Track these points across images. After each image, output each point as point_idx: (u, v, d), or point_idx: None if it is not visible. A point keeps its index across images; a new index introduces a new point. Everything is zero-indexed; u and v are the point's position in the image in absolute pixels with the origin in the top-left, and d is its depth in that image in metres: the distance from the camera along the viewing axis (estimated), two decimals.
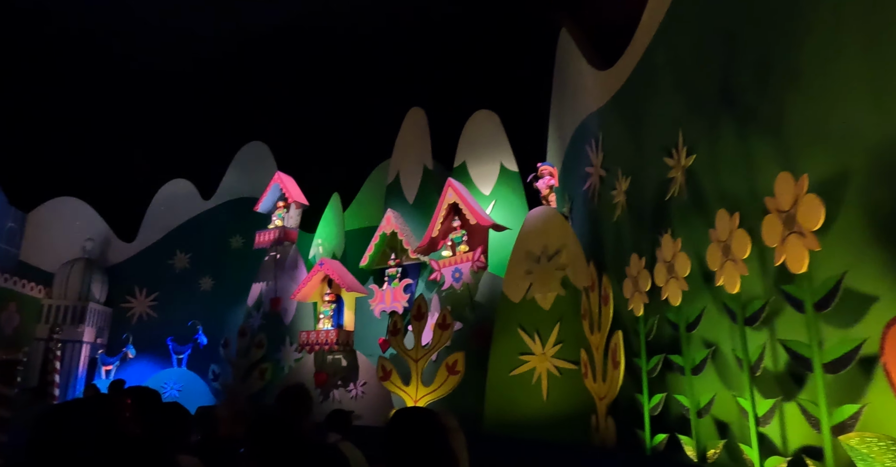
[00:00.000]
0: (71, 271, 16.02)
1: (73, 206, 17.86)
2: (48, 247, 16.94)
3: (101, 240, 17.49)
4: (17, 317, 14.75)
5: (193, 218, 17.95)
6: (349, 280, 13.28)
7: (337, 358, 12.55)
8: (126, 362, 15.53)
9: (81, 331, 15.39)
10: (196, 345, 15.29)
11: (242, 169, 18.24)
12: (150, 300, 16.98)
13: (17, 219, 17.00)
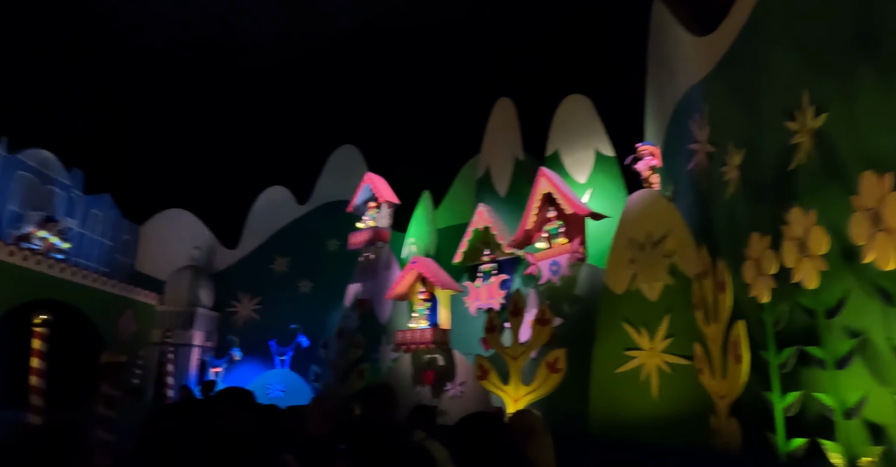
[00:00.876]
0: (180, 278, 16.77)
1: (181, 218, 18.74)
2: (159, 256, 17.86)
3: (207, 248, 18.23)
4: (133, 322, 15.58)
5: (291, 223, 18.38)
6: (443, 277, 12.99)
7: (434, 358, 12.27)
8: (233, 364, 16.06)
9: (191, 334, 16.05)
10: (297, 346, 15.55)
11: (335, 173, 18.48)
12: (253, 304, 17.50)
13: (131, 232, 18.04)
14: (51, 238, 14.09)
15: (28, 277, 12.55)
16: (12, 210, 13.88)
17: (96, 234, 16.49)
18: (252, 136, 19.98)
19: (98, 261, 16.41)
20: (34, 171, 14.59)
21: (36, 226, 13.79)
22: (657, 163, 10.23)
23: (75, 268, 14.01)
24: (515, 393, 9.93)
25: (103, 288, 14.68)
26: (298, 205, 18.62)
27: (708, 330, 7.50)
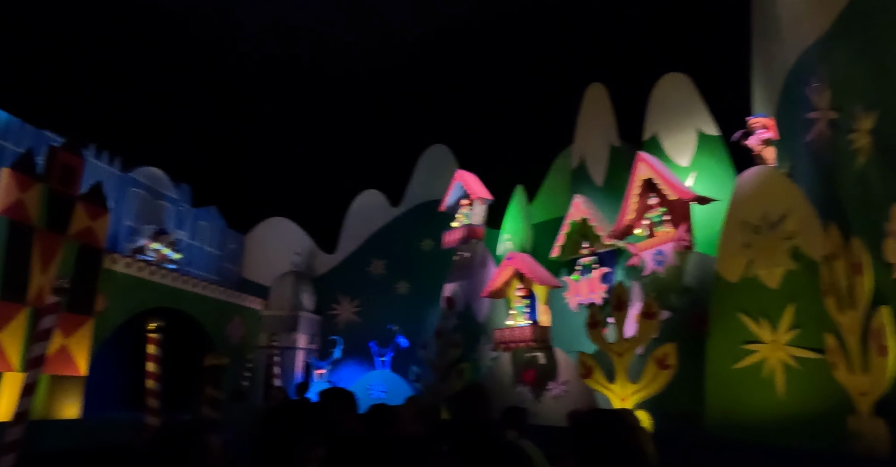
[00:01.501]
0: (283, 284, 17.28)
1: (282, 226, 19.35)
2: (264, 263, 18.51)
3: (307, 254, 18.71)
4: (241, 327, 16.19)
5: (385, 225, 18.52)
6: (540, 273, 12.53)
7: (535, 356, 11.83)
8: (336, 365, 16.34)
9: (295, 337, 16.48)
10: (396, 347, 15.58)
11: (426, 173, 18.45)
12: (353, 306, 17.76)
13: (237, 241, 18.83)
14: (163, 249, 14.88)
15: (144, 287, 13.29)
16: (128, 225, 14.79)
17: (204, 245, 17.32)
18: (345, 143, 20.35)
19: (207, 270, 17.22)
20: (146, 188, 15.50)
21: (149, 238, 14.60)
22: (772, 136, 9.28)
23: (186, 278, 14.71)
24: (622, 391, 9.32)
25: (212, 295, 15.34)
26: (392, 207, 18.75)
27: (842, 318, 6.63)
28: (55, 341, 10.46)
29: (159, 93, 16.64)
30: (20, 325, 9.79)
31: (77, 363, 10.93)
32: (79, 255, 11.21)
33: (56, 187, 10.87)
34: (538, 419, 10.52)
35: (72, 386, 10.77)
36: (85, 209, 11.47)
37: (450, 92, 20.46)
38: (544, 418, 10.62)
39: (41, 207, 10.52)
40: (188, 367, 14.05)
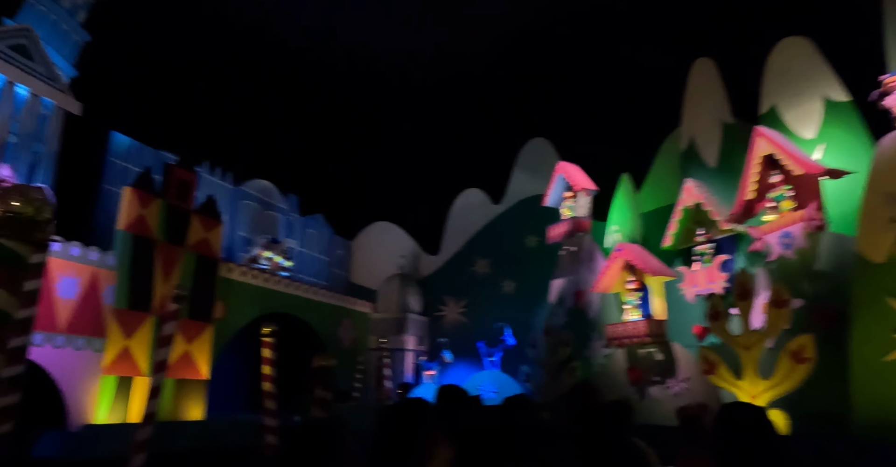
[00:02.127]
0: (390, 287, 17.45)
1: (387, 230, 19.61)
2: (370, 267, 18.84)
3: (412, 256, 18.83)
4: (352, 330, 16.51)
5: (488, 224, 18.26)
6: (653, 263, 11.76)
7: (650, 352, 11.08)
8: (445, 366, 16.26)
9: (404, 339, 16.57)
10: (505, 346, 15.25)
11: (527, 168, 18.01)
12: (460, 307, 17.63)
13: (344, 247, 19.29)
14: (276, 258, 15.45)
15: (259, 294, 13.83)
16: (242, 235, 15.50)
17: (314, 252, 17.86)
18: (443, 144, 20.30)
19: (317, 276, 17.73)
20: (257, 200, 16.19)
21: (262, 247, 15.21)
22: None
23: (298, 284, 15.19)
24: (752, 388, 8.46)
25: (323, 300, 15.74)
26: (494, 204, 18.47)
27: None
28: (179, 347, 11.06)
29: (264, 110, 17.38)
30: (147, 332, 10.41)
31: (199, 367, 11.50)
32: (197, 265, 11.81)
33: (173, 202, 11.51)
34: (651, 418, 9.81)
35: (195, 390, 11.34)
36: (200, 221, 12.07)
37: (545, 83, 19.91)
38: (660, 417, 9.87)
39: (160, 221, 11.17)
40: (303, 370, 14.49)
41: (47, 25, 11.30)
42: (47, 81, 10.85)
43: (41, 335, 8.86)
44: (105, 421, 9.48)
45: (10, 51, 10.26)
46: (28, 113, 10.52)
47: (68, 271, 9.39)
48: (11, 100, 10.26)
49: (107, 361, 9.74)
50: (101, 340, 9.76)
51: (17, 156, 10.25)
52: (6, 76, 10.13)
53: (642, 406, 10.48)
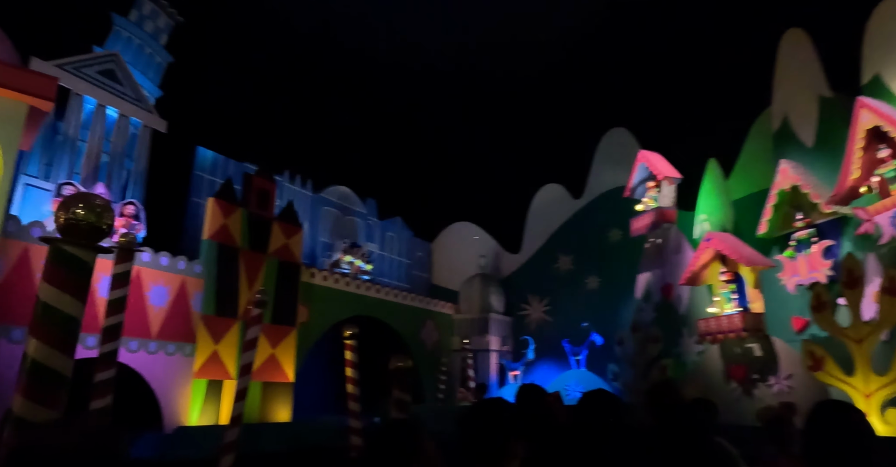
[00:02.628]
0: (471, 287, 17.29)
1: (466, 230, 19.47)
2: (451, 268, 18.76)
3: (493, 256, 18.59)
4: (434, 332, 16.46)
5: (569, 219, 17.75)
6: (747, 252, 10.98)
7: (748, 347, 10.31)
8: (529, 367, 15.90)
9: (487, 340, 16.34)
10: (591, 344, 14.71)
11: (606, 159, 17.36)
12: (543, 305, 17.21)
13: (424, 249, 19.32)
14: (356, 262, 15.66)
15: (342, 298, 14.02)
16: (323, 241, 15.81)
17: (394, 254, 17.99)
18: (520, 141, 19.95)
19: (398, 279, 17.84)
20: (336, 206, 16.49)
21: (343, 252, 15.45)
22: None
23: (379, 287, 15.30)
24: (866, 386, 7.65)
25: (404, 302, 15.79)
26: (574, 199, 17.93)
27: None
28: (264, 351, 11.36)
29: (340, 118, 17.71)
30: (234, 337, 10.74)
31: (285, 370, 11.76)
32: (279, 271, 12.10)
33: (254, 210, 11.86)
34: (751, 419, 9.07)
35: (282, 392, 11.60)
36: (281, 228, 12.37)
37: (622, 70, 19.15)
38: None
39: (243, 229, 11.53)
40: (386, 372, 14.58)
41: (133, 50, 11.95)
42: (135, 102, 11.45)
43: (135, 341, 9.30)
44: (197, 423, 9.84)
45: (100, 76, 10.90)
46: (118, 133, 11.14)
47: (158, 280, 9.83)
48: (103, 121, 10.89)
49: (197, 365, 10.11)
50: (191, 345, 10.15)
51: (111, 174, 10.86)
52: (97, 99, 10.77)
53: (741, 405, 9.76)
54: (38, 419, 2.97)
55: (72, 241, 3.41)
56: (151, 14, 12.45)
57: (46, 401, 3.04)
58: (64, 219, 3.46)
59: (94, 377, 6.61)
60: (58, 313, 3.20)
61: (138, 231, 10.45)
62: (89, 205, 3.53)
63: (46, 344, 3.12)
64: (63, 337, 3.22)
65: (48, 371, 3.02)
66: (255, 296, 9.55)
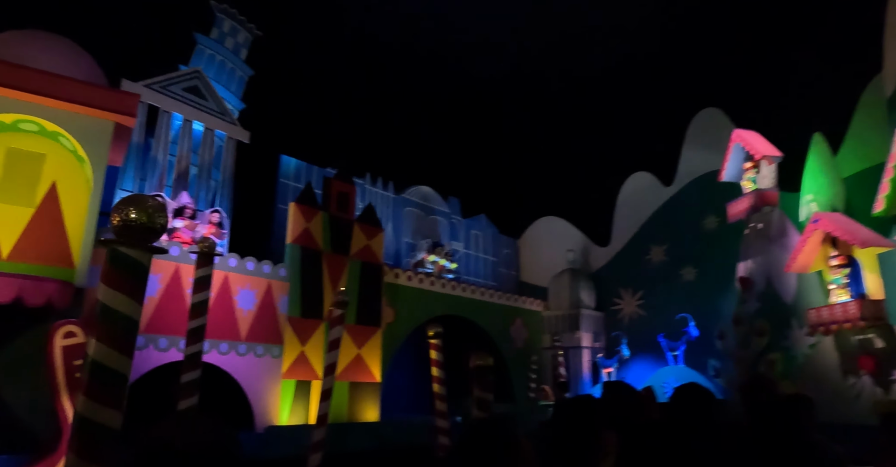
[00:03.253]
0: (560, 283, 16.81)
1: (552, 224, 18.99)
2: (539, 264, 18.34)
3: (581, 250, 18.00)
4: (524, 330, 16.12)
5: (660, 208, 16.89)
6: (861, 233, 9.95)
7: (867, 338, 9.31)
8: (624, 363, 15.21)
9: (579, 336, 15.81)
10: (688, 339, 13.86)
11: (698, 142, 16.37)
12: (636, 299, 16.45)
13: (510, 246, 19.00)
14: (440, 261, 15.61)
15: (427, 297, 13.99)
16: (406, 241, 15.88)
17: (479, 252, 17.81)
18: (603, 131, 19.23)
19: (485, 277, 17.64)
20: (418, 206, 16.52)
21: (426, 252, 15.45)
22: None
23: (465, 285, 15.17)
24: None
25: (491, 300, 15.56)
26: (664, 187, 17.03)
27: None
28: (350, 351, 11.49)
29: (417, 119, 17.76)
30: (319, 338, 10.92)
31: (371, 370, 11.84)
32: (361, 272, 12.22)
33: (335, 213, 12.05)
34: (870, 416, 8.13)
35: (369, 392, 11.68)
36: (362, 230, 12.50)
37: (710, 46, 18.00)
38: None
39: (324, 232, 11.73)
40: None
41: (215, 66, 12.49)
42: (218, 116, 11.94)
43: (225, 343, 9.65)
44: (287, 423, 10.07)
45: (185, 92, 11.44)
46: (205, 145, 11.65)
47: (245, 284, 10.16)
48: (190, 135, 11.42)
49: (285, 366, 10.36)
50: (279, 347, 10.41)
51: (199, 185, 11.37)
52: (183, 115, 11.30)
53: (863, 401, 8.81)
54: (99, 418, 2.99)
55: (126, 242, 3.42)
56: (231, 31, 12.96)
57: (107, 400, 3.06)
58: (118, 221, 3.49)
59: (181, 378, 6.86)
60: (115, 314, 3.21)
61: (223, 238, 10.86)
62: (141, 207, 3.54)
63: (105, 344, 3.14)
64: (121, 337, 3.23)
65: (108, 370, 3.04)
66: (337, 296, 9.66)
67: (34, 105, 7.43)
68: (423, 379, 11.92)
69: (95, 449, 2.89)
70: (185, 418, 1.55)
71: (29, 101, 7.39)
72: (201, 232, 10.53)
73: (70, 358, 6.13)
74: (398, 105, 17.27)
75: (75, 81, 7.57)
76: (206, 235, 10.55)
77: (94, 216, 7.55)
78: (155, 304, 8.94)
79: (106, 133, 7.82)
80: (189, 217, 10.53)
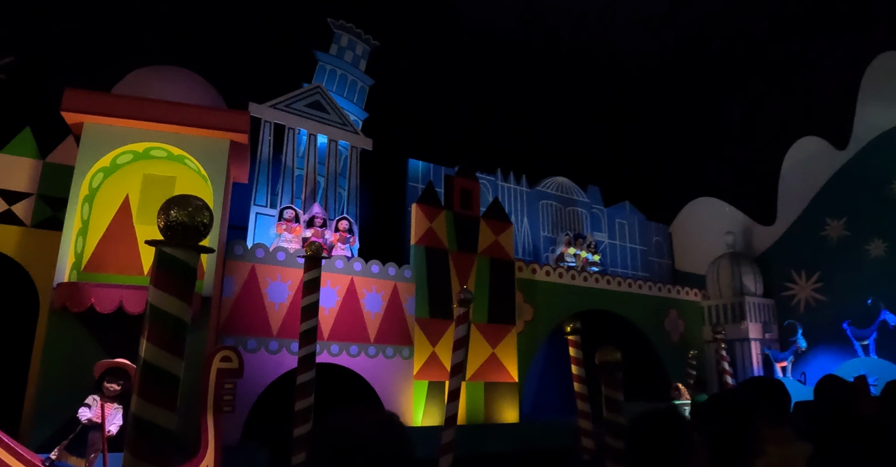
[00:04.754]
0: (719, 269, 15.20)
1: (707, 205, 17.29)
2: (695, 250, 16.77)
3: (742, 230, 16.17)
4: (680, 322, 14.77)
5: (834, 175, 14.64)
6: None
7: None
8: (801, 356, 13.27)
9: (745, 327, 14.11)
10: (882, 325, 11.76)
11: (877, 94, 14.01)
12: (812, 282, 14.35)
13: (661, 233, 17.59)
14: (582, 253, 14.85)
15: (569, 292, 13.35)
16: (545, 236, 15.31)
17: (625, 242, 16.69)
18: (756, 96, 17.10)
19: (633, 267, 16.48)
20: (555, 198, 15.88)
21: (566, 245, 14.78)
22: None
23: (610, 277, 14.27)
24: None
25: (640, 291, 14.47)
26: (838, 151, 14.74)
27: None
28: (483, 351, 11.23)
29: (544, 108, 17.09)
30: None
31: (508, 370, 11.46)
32: (491, 269, 11.93)
33: (458, 211, 11.90)
34: None
35: (507, 392, 11.30)
36: (489, 226, 12.22)
37: None
38: None
39: (449, 231, 11.62)
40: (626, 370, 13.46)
41: (337, 80, 12.96)
42: (341, 127, 12.35)
43: (355, 346, 9.84)
44: (421, 425, 10.02)
45: (308, 108, 11.97)
46: (330, 157, 12.09)
47: (371, 287, 10.31)
48: (315, 148, 11.93)
49: (416, 368, 10.35)
50: (409, 348, 10.42)
51: (326, 195, 11.81)
52: (307, 130, 11.83)
53: None
54: (154, 418, 3.00)
55: (170, 243, 3.41)
56: (349, 44, 13.38)
57: (161, 401, 3.06)
58: (162, 222, 3.49)
59: (296, 379, 7.03)
60: (164, 315, 3.21)
61: (352, 243, 11.13)
62: (183, 206, 3.51)
63: (155, 345, 3.14)
64: (171, 338, 3.21)
65: (159, 371, 3.04)
66: (459, 295, 9.46)
67: (159, 132, 8.08)
68: (567, 377, 11.34)
69: (151, 450, 2.88)
70: (359, 410, 1.64)
71: (154, 130, 8.06)
72: (329, 239, 10.90)
73: (222, 380, 6.50)
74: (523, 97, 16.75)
75: (189, 106, 8.13)
76: (334, 242, 10.91)
77: (215, 229, 8.03)
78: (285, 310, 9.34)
79: (222, 151, 8.31)
80: (319, 226, 10.95)
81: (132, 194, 8.40)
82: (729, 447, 2.24)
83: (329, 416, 1.60)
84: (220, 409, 6.47)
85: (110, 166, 8.20)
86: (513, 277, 12.25)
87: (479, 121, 15.82)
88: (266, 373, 8.93)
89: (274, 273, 9.38)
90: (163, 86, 8.54)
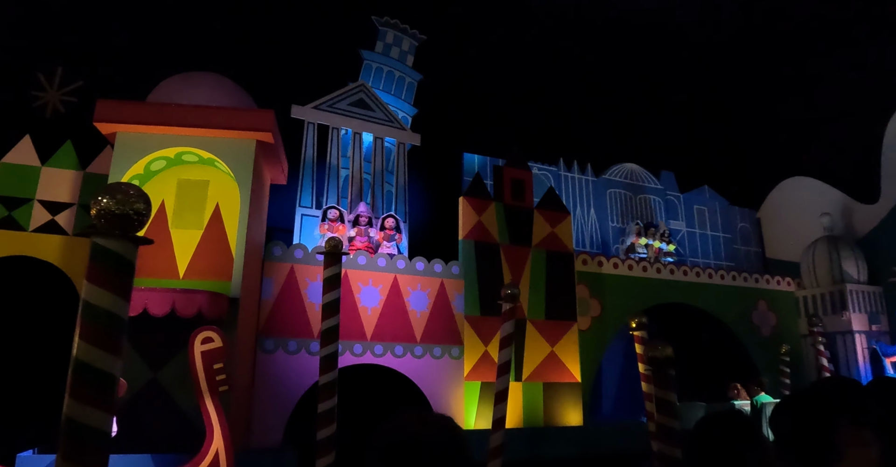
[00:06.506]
0: (815, 255, 13.64)
1: (799, 185, 15.62)
2: (788, 236, 15.17)
3: (840, 211, 14.46)
4: (770, 315, 13.35)
5: None
6: None
7: None
8: None
9: (847, 318, 12.51)
10: None
11: None
12: None
13: (747, 218, 16.10)
14: (655, 243, 13.82)
15: (640, 285, 12.42)
16: (614, 226, 14.35)
17: (705, 229, 15.37)
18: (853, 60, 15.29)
19: (715, 256, 15.14)
20: (624, 186, 14.89)
21: (636, 235, 13.79)
22: None
23: (687, 268, 13.15)
24: None
25: (722, 282, 13.23)
26: None
27: None
28: (542, 349, 10.54)
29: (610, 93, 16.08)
30: None
31: (570, 369, 10.69)
32: (547, 262, 11.22)
33: (510, 203, 11.29)
34: None
35: (569, 393, 10.52)
36: (544, 217, 11.53)
37: None
38: None
39: (500, 224, 11.04)
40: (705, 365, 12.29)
41: (384, 77, 12.74)
42: (386, 123, 12.07)
43: (400, 346, 9.44)
44: (473, 427, 9.46)
45: (352, 106, 11.78)
46: (375, 154, 11.83)
47: (416, 285, 9.90)
48: (360, 146, 11.71)
49: (467, 368, 9.81)
50: (458, 347, 9.90)
51: (374, 193, 11.55)
52: (351, 129, 11.63)
53: None
54: (87, 420, 2.73)
55: (102, 233, 3.11)
56: (395, 41, 13.13)
57: (94, 401, 2.79)
58: (94, 211, 3.19)
59: (319, 380, 6.71)
60: (96, 310, 2.93)
61: (398, 241, 10.78)
62: (113, 195, 3.20)
63: (88, 343, 2.85)
64: (106, 335, 2.91)
65: (93, 370, 2.76)
66: (504, 290, 8.91)
67: (187, 137, 8.07)
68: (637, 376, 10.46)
69: (84, 453, 2.61)
70: (419, 413, 1.66)
71: (182, 135, 8.06)
72: (375, 238, 10.61)
73: (209, 362, 6.33)
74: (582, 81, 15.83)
75: (211, 108, 8.07)
76: (379, 240, 10.60)
77: (243, 230, 7.90)
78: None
79: (248, 152, 8.18)
80: (365, 224, 10.69)
81: (168, 200, 8.44)
82: (808, 450, 2.12)
83: (390, 419, 1.62)
84: (215, 391, 6.33)
85: (144, 173, 8.27)
86: (572, 270, 11.47)
87: (537, 110, 15.11)
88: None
89: (313, 273, 9.16)
90: (192, 91, 8.54)
